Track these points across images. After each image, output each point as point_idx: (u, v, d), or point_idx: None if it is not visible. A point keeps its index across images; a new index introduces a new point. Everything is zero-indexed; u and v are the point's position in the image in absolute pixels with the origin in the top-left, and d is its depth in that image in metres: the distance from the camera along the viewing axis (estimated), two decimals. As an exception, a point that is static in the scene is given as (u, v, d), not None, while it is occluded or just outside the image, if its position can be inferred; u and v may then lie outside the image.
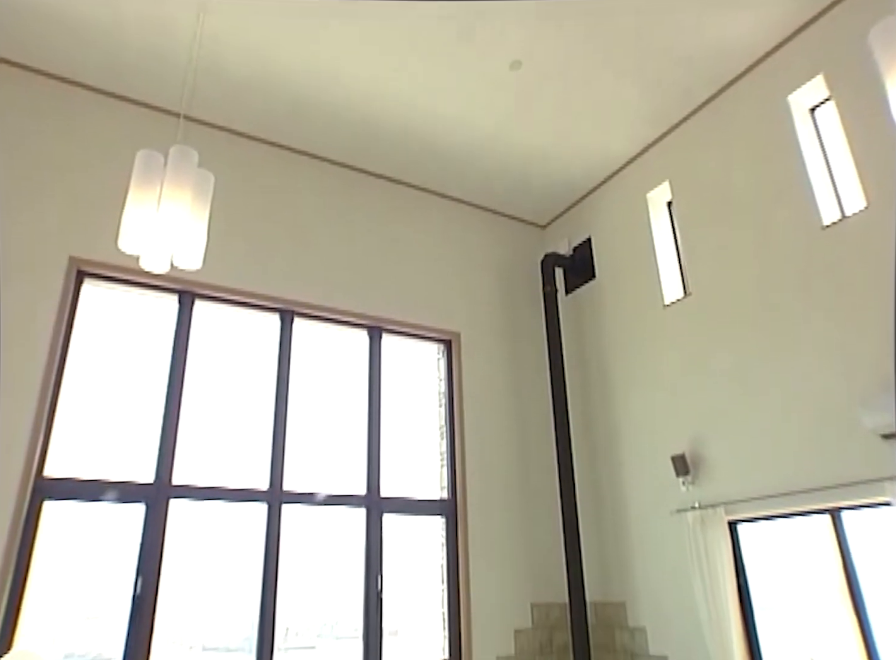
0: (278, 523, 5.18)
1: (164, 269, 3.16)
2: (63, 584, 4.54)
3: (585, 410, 6.69)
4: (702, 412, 5.42)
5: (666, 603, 5.45)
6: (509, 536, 6.11)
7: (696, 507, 5.17)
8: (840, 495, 4.30)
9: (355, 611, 5.37)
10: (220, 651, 5.03)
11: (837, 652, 4.68)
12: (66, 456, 4.65)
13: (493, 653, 5.63)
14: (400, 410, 6.17)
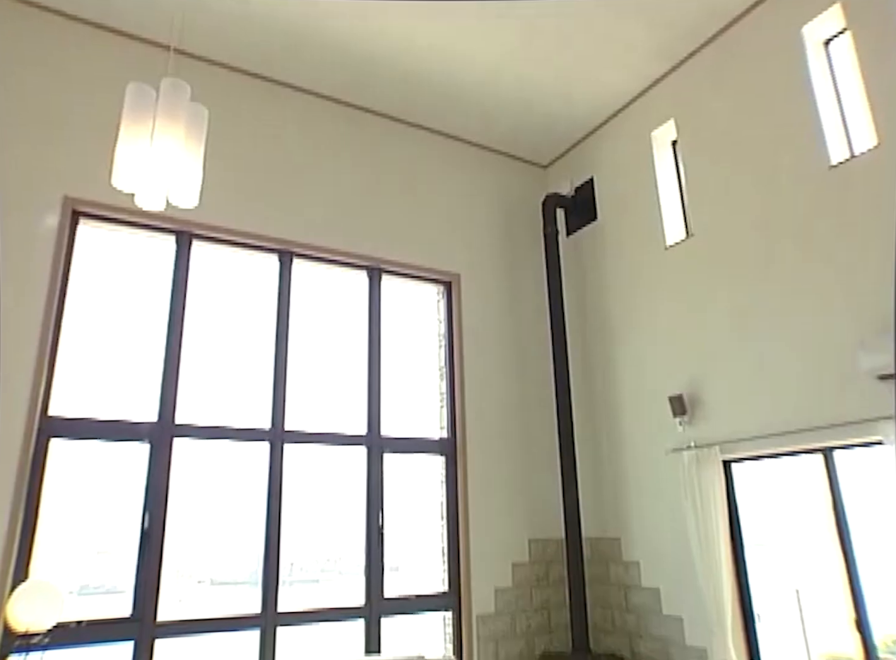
0: (280, 462, 5.27)
1: (160, 207, 3.10)
2: (73, 520, 4.67)
3: (585, 351, 6.73)
4: (700, 354, 5.45)
5: (659, 539, 5.61)
6: (508, 474, 6.24)
7: (691, 446, 5.25)
8: (833, 434, 4.37)
9: (357, 547, 5.53)
10: (228, 585, 5.21)
11: (822, 585, 4.85)
12: (70, 396, 4.70)
13: (491, 585, 5.84)
14: (400, 351, 6.20)
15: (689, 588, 5.17)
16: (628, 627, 5.77)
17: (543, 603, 6.08)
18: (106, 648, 4.49)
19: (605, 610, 6.01)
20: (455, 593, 5.74)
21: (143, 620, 4.51)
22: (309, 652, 5.07)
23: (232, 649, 5.03)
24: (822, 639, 5.04)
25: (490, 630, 5.72)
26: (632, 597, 5.79)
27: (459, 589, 5.73)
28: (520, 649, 5.81)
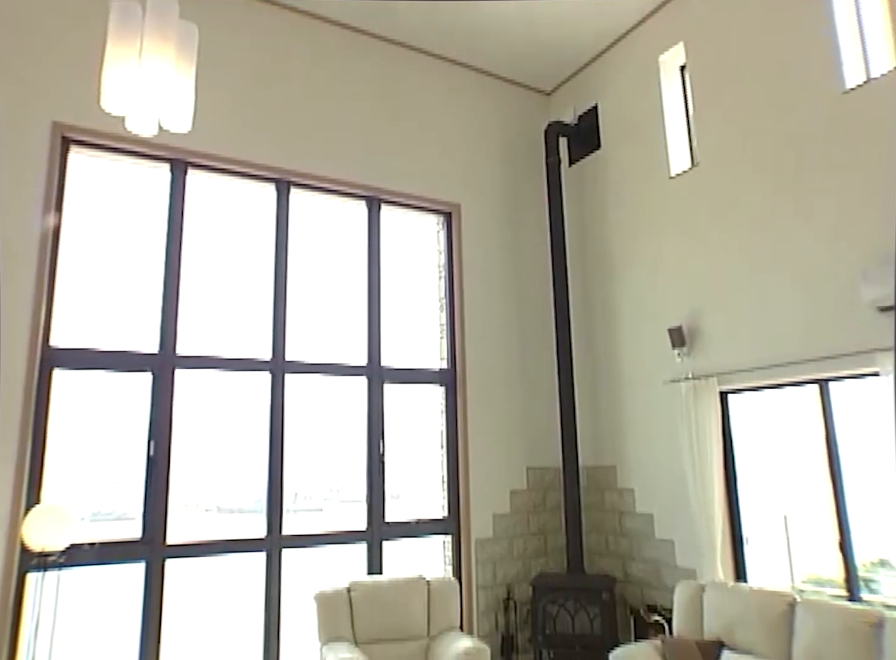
0: (282, 392, 5.34)
1: (152, 132, 3.01)
2: (82, 449, 4.77)
3: (585, 282, 6.70)
4: (701, 285, 5.43)
5: (654, 467, 5.75)
6: (507, 404, 6.34)
7: (689, 377, 5.31)
8: (830, 366, 4.40)
9: (360, 477, 5.66)
10: (235, 513, 5.37)
11: (809, 511, 5.00)
12: (71, 327, 4.71)
13: (489, 511, 6.02)
14: (400, 283, 6.18)
15: (682, 514, 5.34)
16: (621, 550, 5.99)
17: (540, 528, 6.29)
18: (119, 568, 4.67)
19: (599, 534, 6.22)
20: (454, 518, 5.92)
21: (152, 542, 4.67)
22: (313, 573, 5.27)
23: (239, 570, 5.23)
24: (806, 562, 5.24)
25: (488, 553, 5.93)
26: (626, 522, 5.97)
27: (459, 515, 5.92)
28: (517, 570, 6.05)
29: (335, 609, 4.20)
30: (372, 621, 4.22)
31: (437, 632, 4.33)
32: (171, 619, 4.69)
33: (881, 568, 4.69)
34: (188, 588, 5.13)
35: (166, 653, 4.62)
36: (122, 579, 4.73)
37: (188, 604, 5.19)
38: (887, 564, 4.70)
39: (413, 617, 4.30)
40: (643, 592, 5.70)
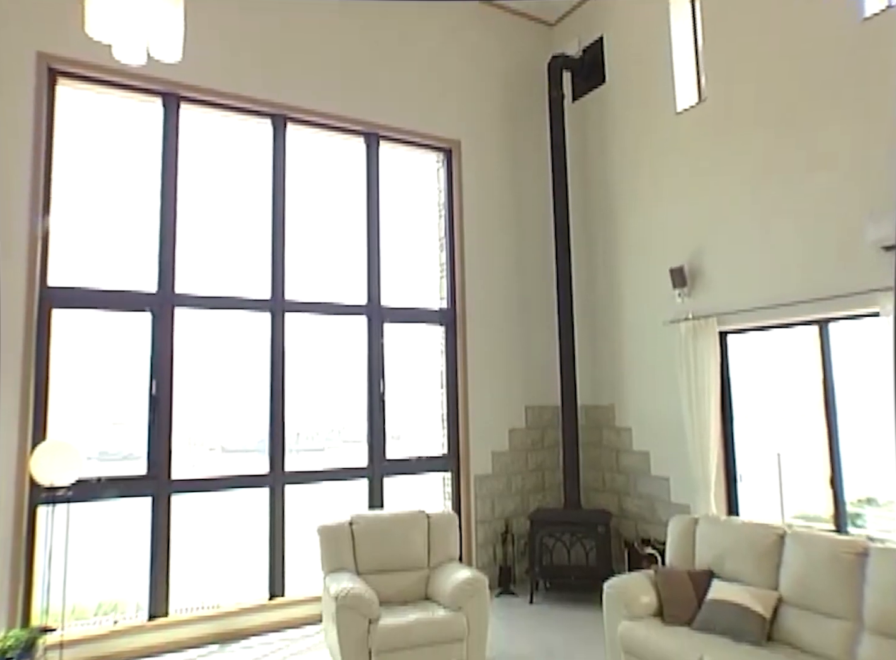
0: (282, 332, 5.35)
1: (140, 61, 2.90)
2: (86, 389, 4.81)
3: (587, 221, 6.62)
4: (704, 225, 5.36)
5: (652, 407, 5.81)
6: (507, 343, 6.36)
7: (689, 318, 5.30)
8: (831, 306, 4.39)
9: (361, 417, 5.73)
10: (238, 452, 5.46)
11: (802, 450, 5.08)
12: (68, 266, 4.68)
13: (488, 449, 6.12)
14: (399, 222, 6.11)
15: (678, 452, 5.43)
16: (618, 486, 6.12)
17: (538, 465, 6.41)
18: (126, 502, 4.79)
19: (596, 471, 6.35)
20: (454, 455, 6.03)
21: (158, 477, 4.77)
22: (316, 508, 5.40)
23: (244, 506, 5.37)
24: (796, 500, 5.36)
25: (487, 489, 6.07)
26: (622, 460, 6.09)
27: (458, 452, 6.02)
28: (515, 505, 6.20)
29: (338, 541, 4.32)
30: (373, 552, 4.35)
31: (437, 563, 4.45)
32: (179, 551, 4.84)
33: (868, 505, 4.81)
34: (194, 522, 5.27)
35: (175, 582, 4.79)
36: (130, 512, 4.86)
37: (195, 537, 5.34)
38: (874, 501, 4.82)
39: (413, 549, 4.43)
40: (638, 526, 5.86)
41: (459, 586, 4.01)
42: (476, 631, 3.97)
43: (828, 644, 3.31)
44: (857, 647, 3.21)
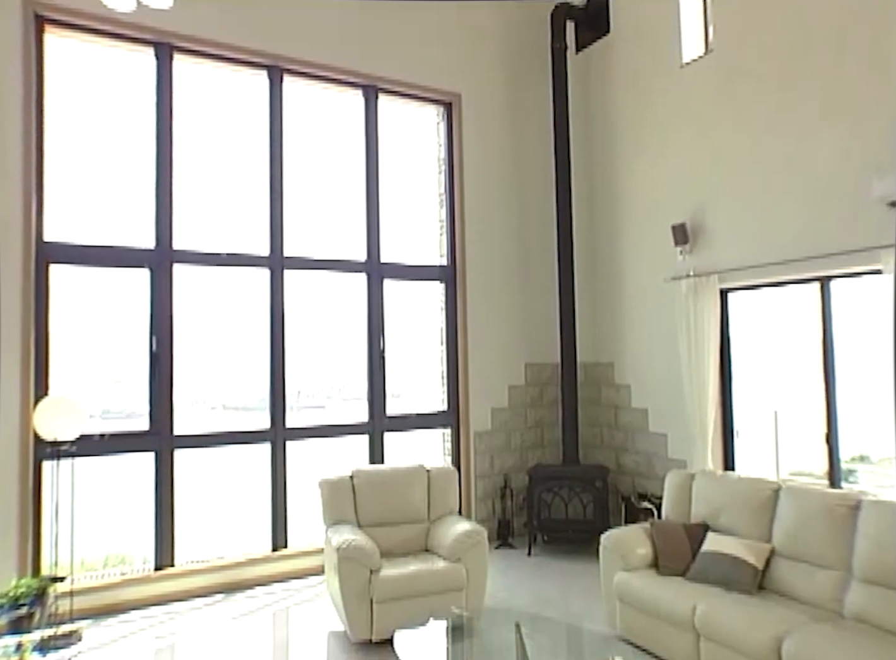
0: (281, 289, 5.33)
1: (130, 6, 2.83)
2: (86, 348, 4.82)
3: (589, 177, 6.54)
4: (708, 181, 5.29)
5: (651, 364, 5.83)
6: (507, 300, 6.34)
7: (690, 275, 5.28)
8: (833, 263, 4.36)
9: (361, 375, 5.75)
10: (240, 410, 5.50)
11: (800, 408, 5.13)
12: (64, 222, 4.63)
13: (488, 405, 6.17)
14: (398, 178, 6.02)
15: (676, 409, 5.47)
16: (616, 442, 6.19)
17: (537, 422, 6.47)
18: (130, 457, 4.84)
19: (594, 428, 6.41)
20: (454, 412, 6.08)
21: (160, 433, 4.82)
22: (317, 464, 5.47)
23: (246, 461, 5.44)
24: (792, 457, 5.43)
25: (486, 445, 6.14)
26: (621, 416, 6.14)
27: (458, 409, 6.07)
28: (514, 461, 6.28)
29: (339, 495, 4.38)
30: (374, 505, 4.42)
31: (437, 516, 4.53)
32: (183, 505, 4.92)
33: (861, 463, 4.88)
34: (198, 477, 5.35)
35: (180, 536, 4.88)
36: (133, 468, 4.92)
37: (199, 492, 5.43)
38: (867, 459, 4.89)
39: (413, 502, 4.50)
40: (635, 481, 5.95)
41: (459, 538, 4.09)
42: (475, 581, 4.06)
43: (817, 592, 3.39)
44: (846, 594, 3.30)
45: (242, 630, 4.20)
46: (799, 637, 2.98)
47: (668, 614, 3.54)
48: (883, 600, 3.14)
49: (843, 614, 3.27)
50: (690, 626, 3.41)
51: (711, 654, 3.32)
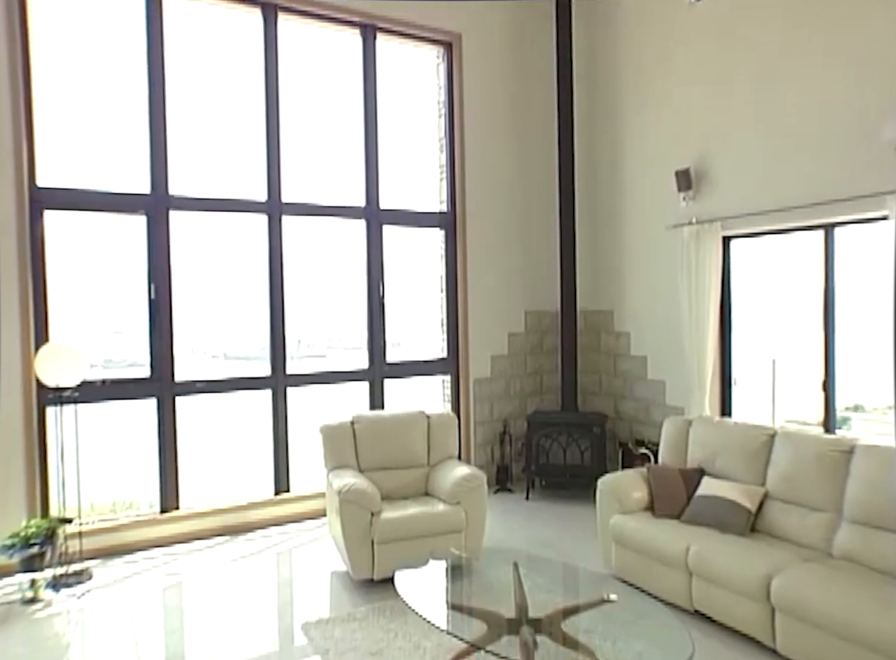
0: (279, 235, 5.27)
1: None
2: (85, 297, 4.81)
3: (592, 121, 6.39)
4: (714, 125, 5.17)
5: (651, 312, 5.83)
6: (507, 247, 6.29)
7: (692, 222, 5.21)
8: (839, 209, 4.30)
9: (361, 324, 5.75)
10: (241, 360, 5.53)
11: (798, 357, 5.15)
12: (58, 167, 4.55)
13: (487, 353, 6.19)
14: (398, 121, 5.89)
15: (675, 357, 5.49)
16: (614, 390, 6.24)
17: (536, 369, 6.51)
18: (132, 404, 4.89)
19: (593, 375, 6.46)
20: (453, 359, 6.11)
21: (161, 379, 4.85)
22: (318, 410, 5.53)
23: (248, 408, 5.50)
24: (788, 406, 5.48)
25: (486, 392, 6.19)
26: (620, 364, 6.17)
27: (458, 356, 6.09)
28: (513, 407, 6.34)
29: (340, 440, 4.44)
30: (374, 450, 4.48)
31: (437, 461, 4.60)
32: (187, 451, 5.00)
33: (855, 412, 4.95)
34: (201, 424, 5.42)
35: (185, 481, 4.97)
36: (136, 415, 4.98)
37: (202, 438, 5.51)
38: (861, 408, 4.95)
39: (413, 447, 4.56)
40: (632, 428, 6.02)
41: (458, 481, 4.16)
42: (474, 524, 4.15)
43: (808, 533, 3.48)
44: (835, 535, 3.39)
45: (247, 569, 4.32)
46: (788, 575, 3.07)
47: (662, 554, 3.63)
48: (870, 539, 3.23)
49: (831, 554, 3.37)
50: (683, 565, 3.50)
51: (703, 591, 3.43)
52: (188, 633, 3.50)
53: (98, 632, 3.51)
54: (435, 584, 3.46)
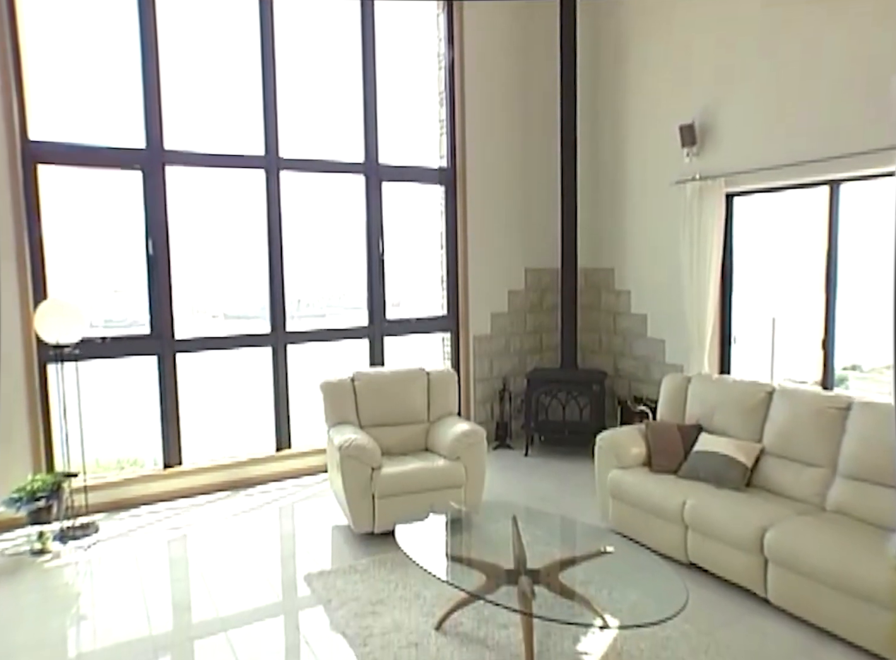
0: (277, 191, 5.20)
1: None
2: (84, 255, 4.77)
3: (595, 75, 6.24)
4: (720, 78, 5.05)
5: (652, 270, 5.79)
6: (508, 204, 6.21)
7: (696, 178, 5.14)
8: (844, 165, 4.23)
9: (360, 283, 5.72)
10: (241, 319, 5.52)
11: (798, 316, 5.14)
12: (51, 121, 4.45)
13: (487, 310, 6.18)
14: (397, 75, 5.74)
15: (675, 315, 5.48)
16: (614, 348, 6.25)
17: (536, 327, 6.51)
18: (133, 361, 4.90)
19: (593, 333, 6.46)
20: (453, 316, 6.10)
21: (162, 337, 4.85)
22: (318, 367, 5.55)
23: (248, 366, 5.52)
24: (786, 365, 5.50)
25: (486, 349, 6.20)
26: (620, 322, 6.17)
27: (458, 313, 6.09)
28: (513, 365, 6.36)
29: (340, 396, 4.46)
30: (375, 406, 4.51)
31: (436, 417, 4.63)
32: (188, 408, 5.03)
33: (852, 371, 4.97)
34: (201, 382, 5.45)
35: (187, 438, 5.02)
36: (137, 373, 5.00)
37: (203, 396, 5.55)
38: (858, 368, 4.98)
39: (413, 403, 4.59)
40: (631, 385, 6.05)
41: (458, 437, 4.20)
42: (473, 478, 4.20)
43: (802, 488, 3.53)
44: (829, 490, 3.44)
45: (250, 523, 4.40)
46: (781, 527, 3.13)
47: (659, 508, 3.69)
48: (862, 493, 3.29)
49: (824, 508, 3.42)
50: (679, 519, 3.56)
51: (698, 544, 3.50)
52: (193, 583, 3.58)
53: (106, 581, 3.59)
54: (435, 537, 3.52)
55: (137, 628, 3.12)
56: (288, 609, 3.32)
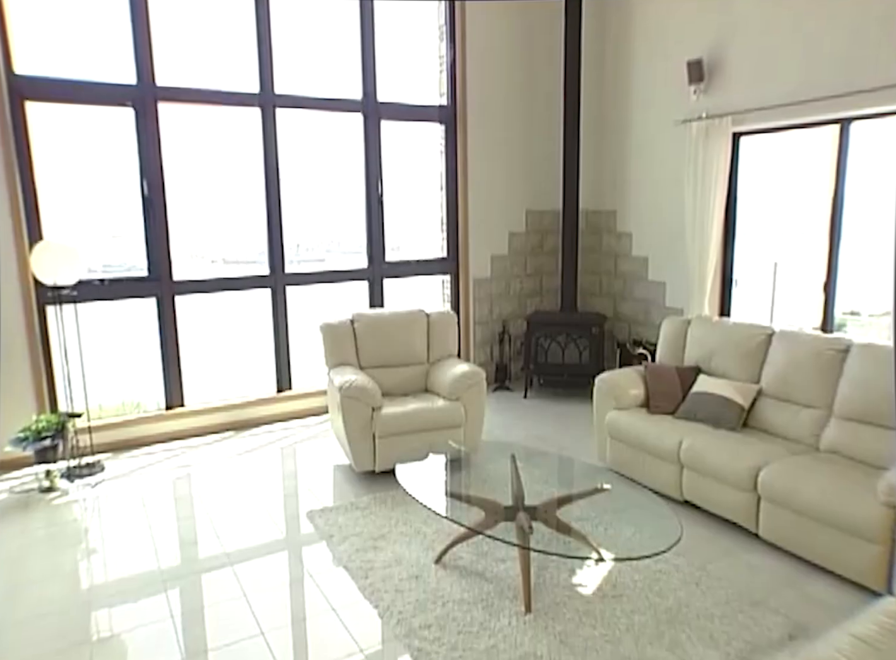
0: (274, 129, 5.07)
1: None
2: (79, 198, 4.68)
3: (600, 8, 6.00)
4: (729, 11, 4.85)
5: (654, 212, 5.71)
6: (509, 144, 6.08)
7: (702, 117, 5.01)
8: (856, 102, 4.11)
9: (359, 227, 5.64)
10: (240, 264, 5.47)
11: (800, 260, 5.10)
12: (37, 55, 4.30)
13: (488, 252, 6.13)
14: (395, 7, 5.51)
15: (676, 258, 5.44)
16: (614, 290, 6.23)
17: (536, 270, 6.46)
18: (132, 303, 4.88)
19: (593, 276, 6.42)
20: (453, 259, 6.05)
21: (160, 279, 4.82)
22: (318, 309, 5.54)
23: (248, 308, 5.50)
24: (787, 311, 5.48)
25: (485, 292, 6.18)
26: (620, 265, 6.12)
27: (458, 255, 6.04)
28: (512, 308, 6.36)
29: (340, 338, 4.47)
30: (374, 348, 4.52)
31: (436, 359, 4.66)
32: (189, 350, 5.05)
33: (851, 317, 4.96)
34: (201, 324, 5.45)
35: (188, 380, 5.05)
36: (137, 316, 4.99)
37: (203, 338, 5.56)
38: (857, 314, 4.97)
39: (413, 345, 4.60)
40: (631, 328, 6.06)
41: (458, 378, 4.23)
42: (473, 419, 4.25)
43: (797, 428, 3.58)
44: (824, 430, 3.49)
45: (253, 463, 4.48)
46: (775, 466, 3.18)
47: (656, 448, 3.75)
48: (855, 434, 3.34)
49: (819, 448, 3.47)
50: (675, 458, 3.62)
51: (693, 482, 3.56)
52: (199, 519, 3.66)
53: (113, 517, 3.68)
54: (434, 475, 3.59)
55: (146, 561, 3.21)
56: (291, 544, 3.41)
